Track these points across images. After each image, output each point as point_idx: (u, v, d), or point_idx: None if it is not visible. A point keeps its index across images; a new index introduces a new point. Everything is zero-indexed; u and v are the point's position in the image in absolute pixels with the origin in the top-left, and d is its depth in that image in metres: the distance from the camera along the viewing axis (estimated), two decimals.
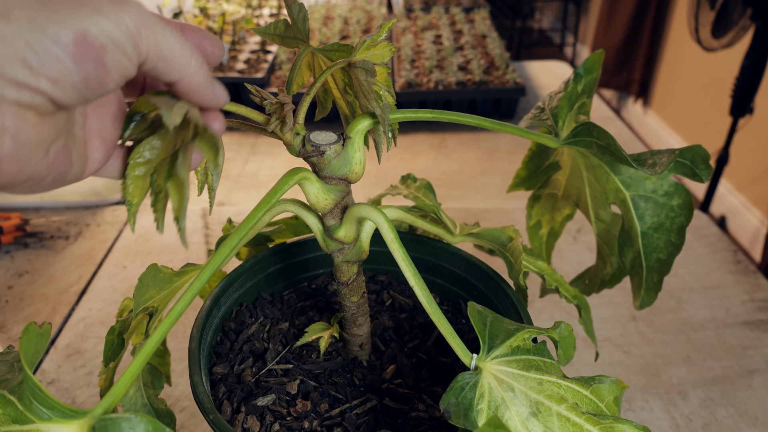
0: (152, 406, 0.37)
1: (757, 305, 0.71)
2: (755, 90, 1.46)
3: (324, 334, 0.42)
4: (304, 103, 0.35)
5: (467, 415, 0.28)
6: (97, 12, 0.24)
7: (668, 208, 0.41)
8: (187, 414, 0.58)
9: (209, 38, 0.31)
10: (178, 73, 0.27)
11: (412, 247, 0.47)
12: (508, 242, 0.42)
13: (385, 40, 0.34)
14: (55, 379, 0.62)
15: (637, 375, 0.62)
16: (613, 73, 2.81)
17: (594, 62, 0.44)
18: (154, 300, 0.37)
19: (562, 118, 0.43)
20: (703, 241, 0.82)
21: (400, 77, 1.14)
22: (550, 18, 3.94)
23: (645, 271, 0.43)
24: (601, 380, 0.31)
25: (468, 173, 1.01)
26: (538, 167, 0.51)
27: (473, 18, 1.46)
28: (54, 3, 0.24)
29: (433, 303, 0.33)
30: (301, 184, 0.34)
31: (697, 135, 2.35)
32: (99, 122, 0.30)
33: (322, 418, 0.37)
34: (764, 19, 1.34)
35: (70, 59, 0.24)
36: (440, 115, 0.36)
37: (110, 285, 0.75)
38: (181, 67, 0.27)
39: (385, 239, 0.34)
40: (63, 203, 0.91)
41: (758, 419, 0.57)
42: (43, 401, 0.25)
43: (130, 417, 0.25)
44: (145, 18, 0.26)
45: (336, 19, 1.41)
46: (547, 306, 0.71)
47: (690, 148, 0.38)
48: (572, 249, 0.81)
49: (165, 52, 0.27)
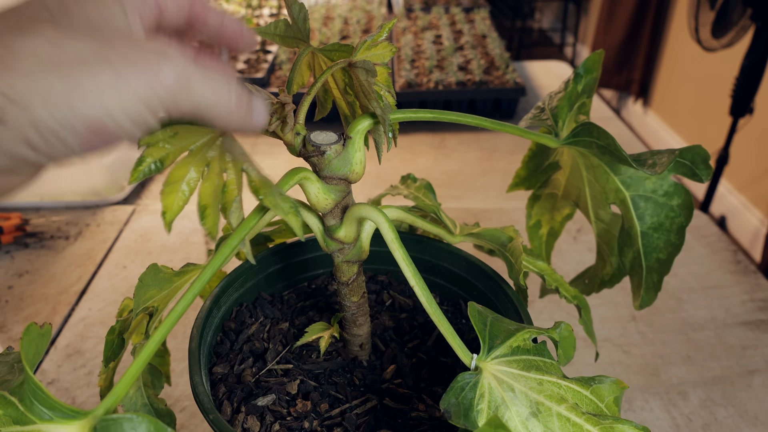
0: (152, 406, 0.37)
1: (757, 305, 0.71)
2: (755, 90, 1.46)
3: (324, 334, 0.42)
4: (304, 103, 0.35)
5: (467, 415, 0.28)
6: (123, 81, 0.22)
7: (668, 208, 0.41)
8: (187, 414, 0.58)
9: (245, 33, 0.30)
10: (214, 120, 0.26)
11: (412, 247, 0.47)
12: (508, 242, 0.42)
13: (386, 41, 0.34)
14: (55, 379, 0.62)
15: (637, 375, 0.62)
16: (613, 73, 2.81)
17: (594, 62, 0.44)
18: (154, 300, 0.37)
19: (562, 118, 0.43)
20: (703, 241, 0.82)
21: (400, 77, 1.14)
22: (550, 18, 3.94)
23: (645, 271, 0.43)
24: (601, 380, 0.31)
25: (468, 173, 1.01)
26: (538, 167, 0.51)
27: (473, 18, 1.46)
28: (70, 64, 0.22)
29: (433, 303, 0.33)
30: (302, 184, 0.34)
31: (697, 135, 2.35)
32: None
33: (322, 418, 0.37)
34: (764, 19, 1.34)
35: (78, 144, 0.22)
36: (440, 115, 0.36)
37: (110, 285, 0.75)
38: (218, 117, 0.26)
39: (386, 239, 0.34)
40: (63, 203, 0.91)
41: (758, 419, 0.57)
42: (44, 402, 0.25)
43: (132, 417, 0.25)
44: (183, 77, 0.23)
45: (336, 19, 1.41)
46: (547, 306, 0.71)
47: (690, 148, 0.38)
48: (572, 249, 0.81)
49: (203, 108, 0.25)
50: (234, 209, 0.28)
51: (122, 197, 0.93)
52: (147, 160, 0.27)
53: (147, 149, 0.27)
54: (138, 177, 0.27)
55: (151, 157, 0.28)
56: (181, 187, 0.28)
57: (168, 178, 0.29)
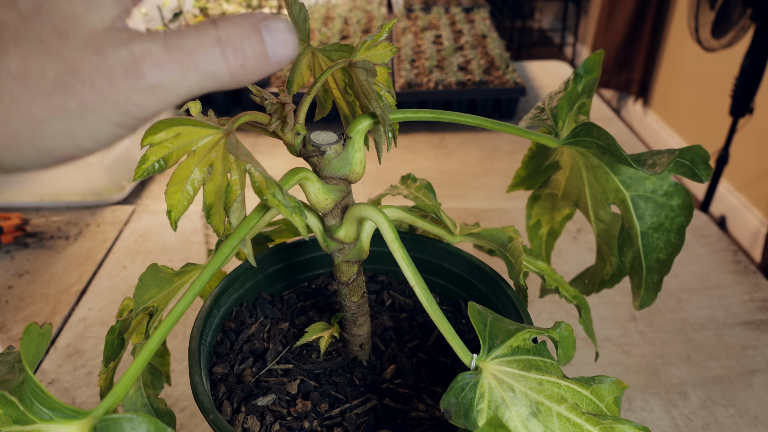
0: (152, 406, 0.37)
1: (757, 305, 0.71)
2: (755, 90, 1.46)
3: (324, 334, 0.42)
4: (304, 103, 0.35)
5: (467, 415, 0.29)
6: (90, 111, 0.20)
7: (668, 208, 0.41)
8: (187, 414, 0.58)
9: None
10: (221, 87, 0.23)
11: (412, 247, 0.47)
12: (508, 242, 0.42)
13: (386, 41, 0.34)
14: (55, 379, 0.62)
15: (637, 375, 0.62)
16: (613, 73, 2.81)
17: (594, 62, 0.44)
18: (154, 300, 0.37)
19: (561, 118, 0.43)
20: (703, 241, 0.82)
21: (400, 77, 1.14)
22: (550, 18, 3.94)
23: (645, 271, 0.43)
24: (601, 380, 0.31)
25: (468, 173, 1.01)
26: (537, 167, 0.51)
27: (473, 18, 1.46)
28: (32, 99, 0.19)
29: (433, 303, 0.33)
30: (302, 184, 0.34)
31: (697, 135, 2.35)
32: None
33: (322, 418, 0.37)
34: (764, 19, 1.34)
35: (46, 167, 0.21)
36: (440, 115, 0.36)
37: (110, 285, 0.75)
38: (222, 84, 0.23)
39: (386, 239, 0.34)
40: (63, 203, 0.91)
41: (758, 419, 0.57)
42: (45, 402, 0.25)
43: (132, 417, 0.25)
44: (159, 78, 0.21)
45: (336, 19, 1.41)
46: (547, 306, 0.71)
47: (690, 148, 0.38)
48: (572, 249, 0.81)
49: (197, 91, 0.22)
50: (235, 208, 0.29)
51: (122, 197, 0.93)
52: (150, 158, 0.28)
53: (150, 148, 0.28)
54: (142, 174, 0.28)
55: (155, 156, 0.28)
56: (186, 187, 0.29)
57: (172, 178, 0.29)
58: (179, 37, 0.21)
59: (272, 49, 0.23)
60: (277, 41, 0.23)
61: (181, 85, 0.21)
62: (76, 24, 0.20)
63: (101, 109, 0.20)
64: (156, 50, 0.21)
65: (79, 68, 0.20)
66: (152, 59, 0.20)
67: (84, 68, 0.20)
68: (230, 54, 0.22)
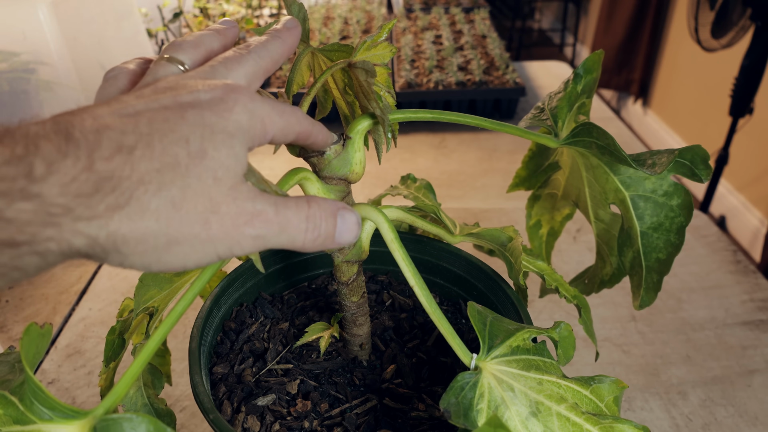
0: (152, 405, 0.37)
1: (757, 305, 0.71)
2: (755, 90, 1.46)
3: (324, 334, 0.42)
4: (304, 103, 0.35)
5: (467, 414, 0.29)
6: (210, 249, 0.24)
7: (668, 208, 0.41)
8: (187, 414, 0.58)
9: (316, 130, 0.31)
10: None
11: (412, 247, 0.47)
12: (508, 242, 0.42)
13: (386, 41, 0.34)
14: (56, 379, 0.62)
15: (637, 375, 0.62)
16: (612, 73, 2.81)
17: (594, 62, 0.44)
18: (154, 300, 0.37)
19: (561, 118, 0.43)
20: (702, 241, 0.82)
21: (400, 77, 1.14)
22: (550, 18, 3.94)
23: (644, 271, 0.43)
24: (601, 380, 0.32)
25: (468, 173, 1.01)
26: (537, 167, 0.51)
27: (473, 18, 1.46)
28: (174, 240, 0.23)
29: (433, 303, 0.33)
30: (302, 184, 0.34)
31: (696, 135, 2.35)
32: None
33: (322, 418, 0.37)
34: (764, 19, 1.35)
35: (152, 271, 0.26)
36: (440, 115, 0.36)
37: (110, 285, 0.75)
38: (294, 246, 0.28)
39: (385, 239, 0.34)
40: None
41: (758, 419, 0.57)
42: (45, 402, 0.25)
43: (132, 417, 0.25)
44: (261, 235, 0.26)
45: (336, 19, 1.41)
46: (547, 306, 0.71)
47: (689, 148, 0.38)
48: (572, 249, 0.81)
49: (278, 247, 0.27)
50: None
51: None
52: None
53: None
54: None
55: None
56: None
57: None
58: (285, 206, 0.27)
59: (339, 234, 0.29)
60: (345, 228, 0.29)
61: (273, 241, 0.26)
62: (227, 174, 0.25)
63: (217, 243, 0.25)
64: (269, 211, 0.26)
65: (218, 209, 0.24)
66: (265, 217, 0.26)
67: (222, 210, 0.24)
68: (311, 229, 0.28)
